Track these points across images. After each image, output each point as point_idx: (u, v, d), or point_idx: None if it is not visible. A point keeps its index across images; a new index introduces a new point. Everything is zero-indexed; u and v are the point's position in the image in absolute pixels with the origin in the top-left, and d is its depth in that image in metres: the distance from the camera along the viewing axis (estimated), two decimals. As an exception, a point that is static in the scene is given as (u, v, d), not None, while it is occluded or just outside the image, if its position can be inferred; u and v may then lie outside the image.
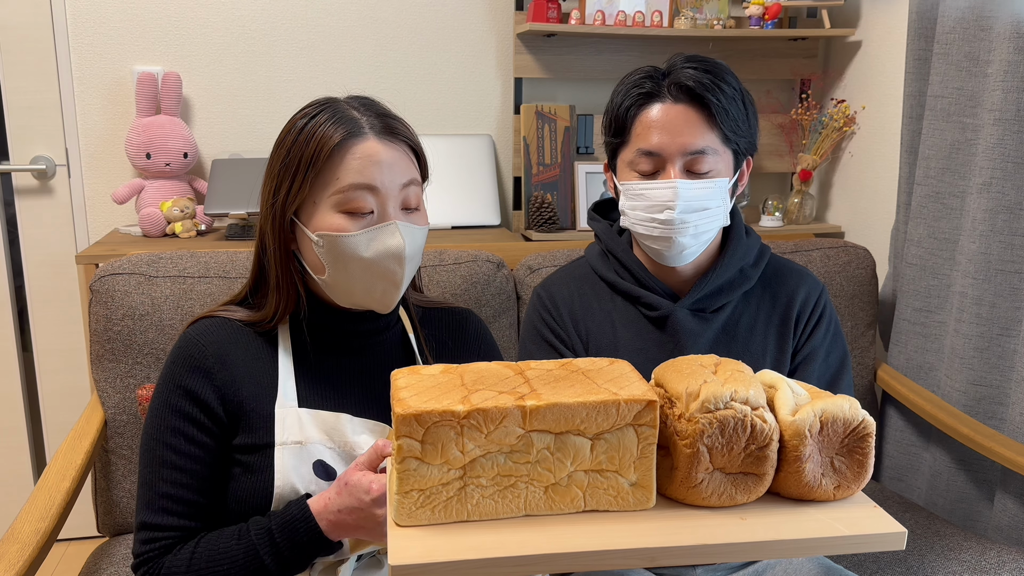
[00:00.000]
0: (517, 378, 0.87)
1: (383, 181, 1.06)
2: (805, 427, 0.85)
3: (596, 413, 0.81)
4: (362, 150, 1.06)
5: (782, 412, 0.86)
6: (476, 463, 0.81)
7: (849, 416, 0.87)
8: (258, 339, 1.15)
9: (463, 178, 2.40)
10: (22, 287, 2.33)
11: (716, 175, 1.24)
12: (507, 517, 0.83)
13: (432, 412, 0.79)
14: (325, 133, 1.05)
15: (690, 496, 0.86)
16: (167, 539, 1.07)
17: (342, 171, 1.05)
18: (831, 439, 0.87)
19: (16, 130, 2.25)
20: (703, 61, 1.26)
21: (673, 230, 1.24)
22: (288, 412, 1.10)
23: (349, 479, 1.00)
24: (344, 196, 1.05)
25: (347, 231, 1.05)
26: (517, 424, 0.80)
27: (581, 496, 0.84)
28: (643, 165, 1.25)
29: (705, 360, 0.91)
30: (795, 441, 0.85)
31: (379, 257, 1.06)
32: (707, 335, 1.31)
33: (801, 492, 0.87)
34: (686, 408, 0.84)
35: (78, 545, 2.42)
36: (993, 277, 1.81)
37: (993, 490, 1.88)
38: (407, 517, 0.81)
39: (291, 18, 2.33)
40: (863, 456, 0.88)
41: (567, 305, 1.37)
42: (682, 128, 1.22)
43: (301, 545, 1.03)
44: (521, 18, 2.38)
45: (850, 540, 0.82)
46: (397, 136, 1.10)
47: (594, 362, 0.92)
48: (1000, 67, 1.76)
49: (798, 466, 0.85)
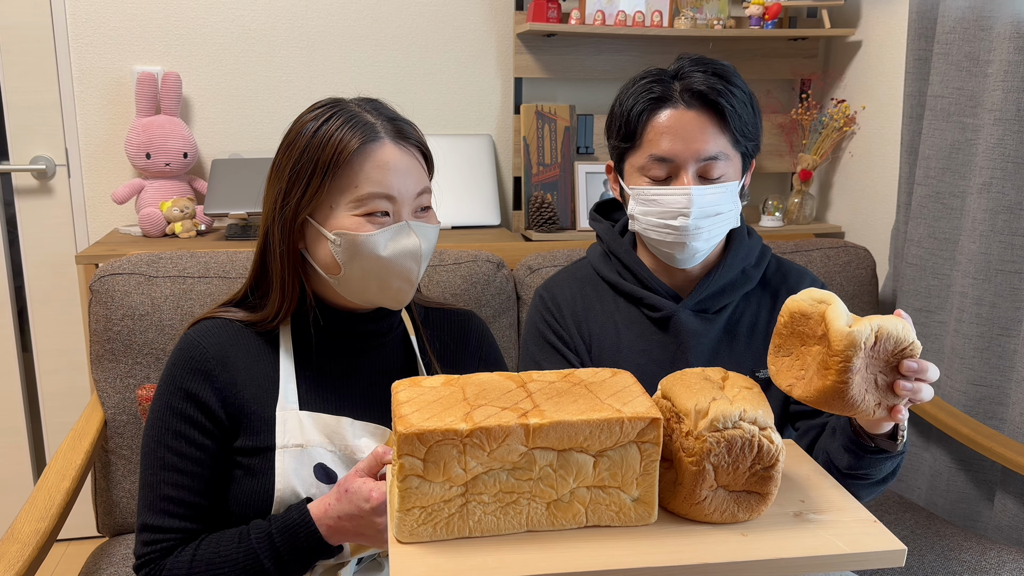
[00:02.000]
0: (519, 391, 0.86)
1: (400, 189, 1.08)
2: (861, 339, 0.84)
3: (599, 431, 0.81)
4: (380, 157, 1.07)
5: (838, 323, 0.86)
6: (478, 480, 0.80)
7: (902, 335, 0.87)
8: (259, 340, 1.15)
9: (463, 178, 2.40)
10: (22, 287, 2.33)
11: (727, 179, 1.24)
12: (509, 533, 0.83)
13: (435, 431, 0.78)
14: (342, 138, 1.06)
15: (692, 512, 0.86)
16: (168, 540, 1.07)
17: (361, 178, 1.07)
18: (880, 356, 0.87)
19: (16, 130, 2.25)
20: (711, 63, 1.25)
21: (687, 236, 1.24)
22: (289, 415, 1.10)
23: (349, 486, 1.00)
24: (362, 202, 1.07)
25: (366, 230, 1.06)
26: (520, 442, 0.80)
27: (583, 512, 0.84)
28: (655, 171, 1.25)
29: (712, 374, 0.91)
30: (849, 352, 0.84)
31: (397, 256, 1.08)
32: (710, 335, 1.31)
33: (844, 406, 0.87)
34: (694, 426, 0.84)
35: (78, 545, 2.42)
36: (993, 277, 1.81)
37: (993, 490, 1.88)
38: (409, 534, 0.81)
39: (291, 18, 2.33)
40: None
41: (570, 307, 1.37)
42: (695, 134, 1.22)
43: (301, 550, 1.03)
44: (521, 18, 2.38)
45: (850, 558, 0.82)
46: (409, 140, 1.11)
47: (597, 373, 0.91)
48: (1000, 67, 1.76)
49: (847, 377, 0.85)
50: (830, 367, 0.86)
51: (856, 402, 0.87)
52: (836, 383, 0.86)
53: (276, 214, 1.10)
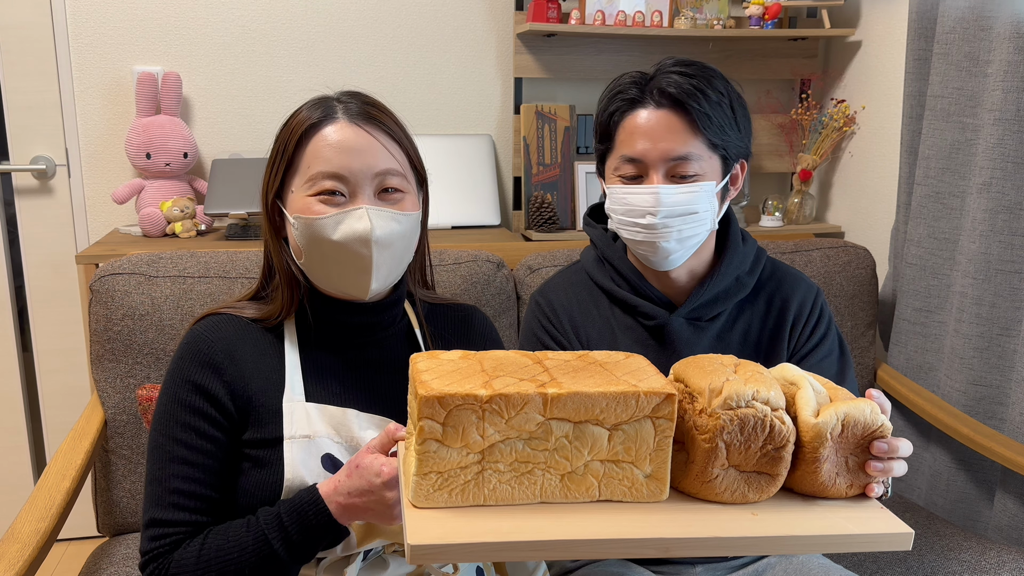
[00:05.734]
0: (536, 367, 0.88)
1: (351, 168, 1.07)
2: (827, 430, 0.86)
3: (616, 404, 0.82)
4: (332, 134, 1.08)
5: (804, 412, 0.87)
6: (495, 448, 0.82)
7: (869, 420, 0.88)
8: (265, 335, 1.15)
9: (463, 178, 2.40)
10: (22, 287, 2.33)
11: (702, 179, 1.24)
12: (522, 503, 0.84)
13: (455, 395, 0.80)
14: (300, 119, 1.10)
15: (703, 491, 0.87)
16: (177, 534, 1.07)
17: (311, 158, 1.08)
18: (849, 441, 0.88)
19: (16, 130, 2.25)
20: (690, 65, 1.25)
21: (656, 235, 1.24)
22: (296, 406, 1.10)
23: (360, 461, 1.00)
24: (313, 183, 1.07)
25: (317, 213, 1.07)
26: (538, 411, 0.81)
27: (596, 485, 0.85)
28: (627, 170, 1.26)
29: (726, 359, 0.92)
30: (815, 443, 0.86)
31: (346, 240, 1.06)
32: (702, 344, 1.31)
33: (815, 490, 0.88)
34: (708, 404, 0.85)
35: (78, 545, 2.42)
36: (993, 277, 1.81)
37: (993, 490, 1.88)
38: (424, 499, 0.82)
39: (291, 18, 2.33)
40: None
41: (566, 312, 1.37)
42: (664, 134, 1.22)
43: (310, 528, 1.03)
44: (521, 18, 2.38)
45: (859, 539, 0.83)
46: (373, 122, 1.10)
47: (611, 355, 0.93)
48: (1000, 67, 1.76)
49: (816, 466, 0.86)
50: (800, 457, 0.87)
51: (827, 487, 0.88)
52: (805, 471, 0.87)
53: (262, 204, 1.14)
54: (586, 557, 0.80)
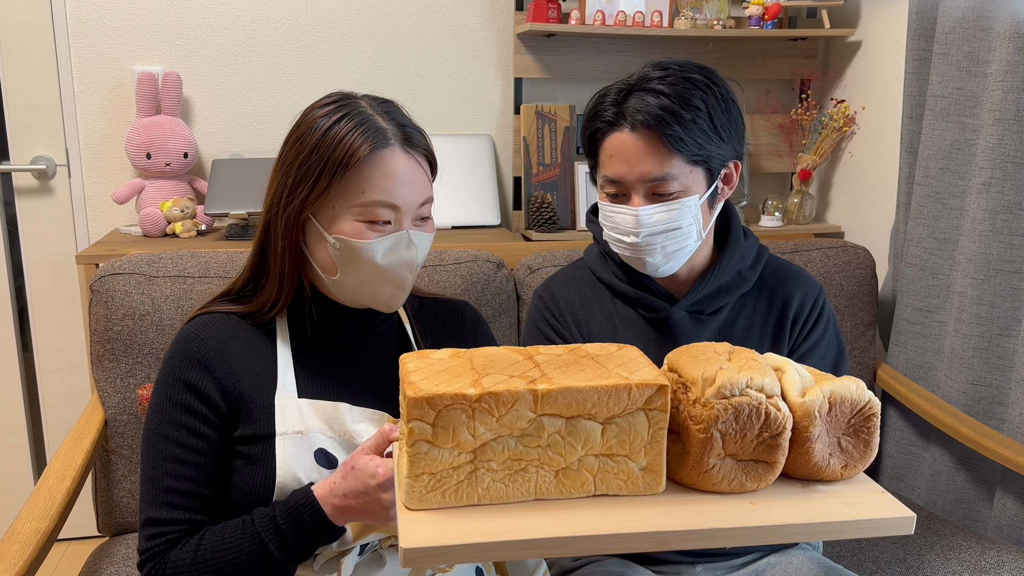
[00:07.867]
0: (527, 362, 0.87)
1: (404, 200, 1.09)
2: (814, 408, 0.85)
3: (607, 397, 0.81)
4: (388, 165, 1.07)
5: (791, 393, 0.87)
6: (487, 447, 0.81)
7: (856, 396, 0.88)
8: (256, 331, 1.16)
9: (463, 178, 2.40)
10: (22, 287, 2.33)
11: (684, 195, 1.23)
12: (517, 501, 0.83)
13: (444, 395, 0.79)
14: (353, 142, 1.06)
15: (700, 481, 0.86)
16: (173, 533, 1.07)
17: (368, 185, 1.07)
18: (838, 419, 0.88)
19: (16, 130, 2.25)
20: (668, 75, 1.22)
21: (641, 252, 1.26)
22: (288, 403, 1.11)
23: (355, 463, 1.00)
24: (366, 209, 1.07)
25: (365, 238, 1.07)
26: (529, 408, 0.81)
27: (591, 480, 0.84)
28: (610, 189, 1.28)
29: (719, 347, 0.92)
30: (805, 422, 0.85)
31: (393, 265, 1.09)
32: (704, 337, 1.31)
33: (810, 472, 0.88)
34: (701, 393, 0.85)
35: (78, 545, 2.43)
36: (993, 277, 1.81)
37: (993, 490, 1.88)
38: (417, 501, 0.81)
39: (291, 18, 2.33)
40: (868, 436, 0.89)
41: (568, 306, 1.38)
42: (640, 157, 1.22)
43: (305, 530, 1.03)
44: (521, 18, 2.38)
45: (860, 524, 0.82)
46: (417, 148, 1.12)
47: (603, 347, 0.92)
48: (1000, 67, 1.76)
49: (808, 447, 0.86)
50: (791, 439, 0.87)
51: (821, 468, 0.88)
52: (797, 453, 0.87)
53: (280, 208, 1.10)
54: (583, 553, 0.80)
